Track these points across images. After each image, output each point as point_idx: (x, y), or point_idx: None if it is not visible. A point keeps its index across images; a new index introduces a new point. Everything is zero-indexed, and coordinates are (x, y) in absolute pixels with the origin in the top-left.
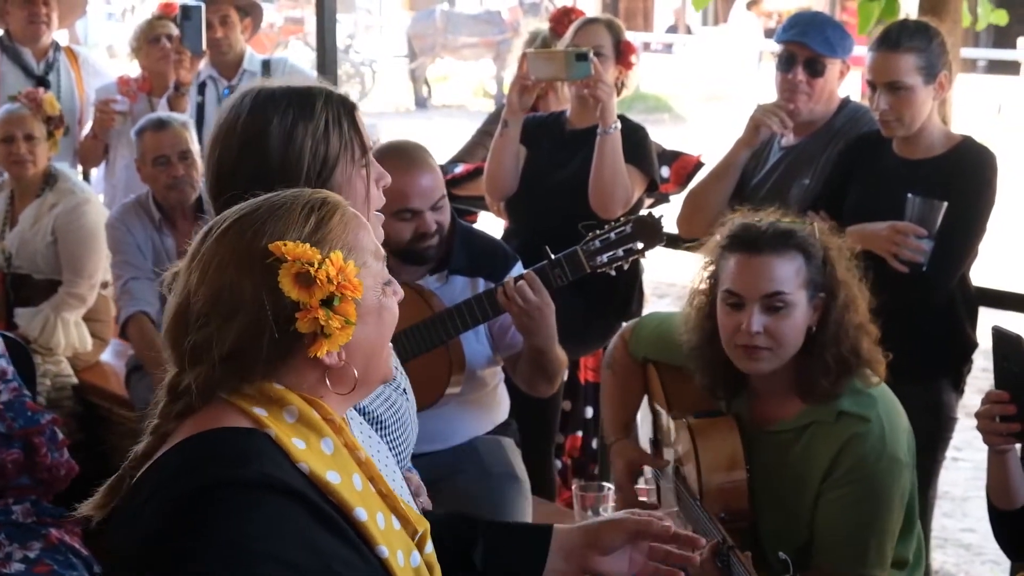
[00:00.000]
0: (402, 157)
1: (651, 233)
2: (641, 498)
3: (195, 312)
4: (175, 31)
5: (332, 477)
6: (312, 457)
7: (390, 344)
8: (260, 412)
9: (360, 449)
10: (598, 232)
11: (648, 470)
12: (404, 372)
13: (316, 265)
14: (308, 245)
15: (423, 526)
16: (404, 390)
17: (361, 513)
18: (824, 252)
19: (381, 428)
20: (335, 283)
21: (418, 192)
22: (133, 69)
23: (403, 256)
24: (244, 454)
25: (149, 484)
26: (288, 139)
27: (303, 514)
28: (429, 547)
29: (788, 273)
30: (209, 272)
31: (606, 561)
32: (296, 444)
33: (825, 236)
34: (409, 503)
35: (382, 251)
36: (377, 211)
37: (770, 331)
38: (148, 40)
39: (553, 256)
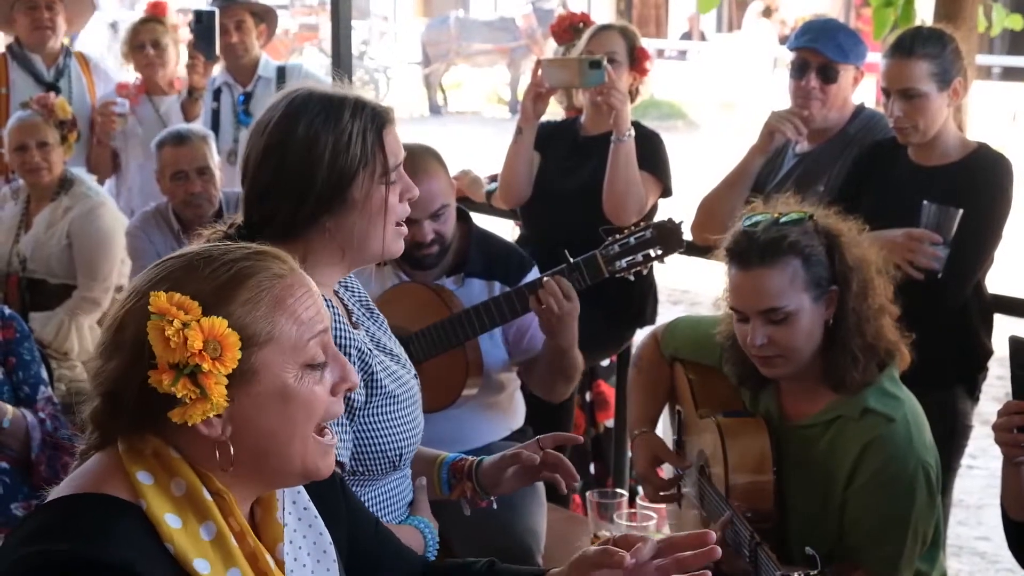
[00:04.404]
0: (404, 163)
1: (671, 239)
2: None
3: (98, 342)
4: (162, 36)
5: (200, 566)
6: (183, 539)
7: (318, 438)
8: (144, 479)
9: (251, 537)
10: (617, 237)
11: (668, 468)
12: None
13: (176, 326)
14: (195, 302)
15: None
16: (415, 374)
17: None
18: (829, 243)
19: (395, 403)
20: (192, 351)
21: (414, 201)
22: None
23: (399, 259)
24: (105, 533)
25: (19, 533)
26: (309, 148)
27: None
28: None
29: (782, 284)
30: (123, 299)
31: None
32: (169, 522)
33: (830, 223)
34: None
35: (318, 331)
36: (398, 223)
37: (775, 341)
38: (133, 47)
39: (572, 260)
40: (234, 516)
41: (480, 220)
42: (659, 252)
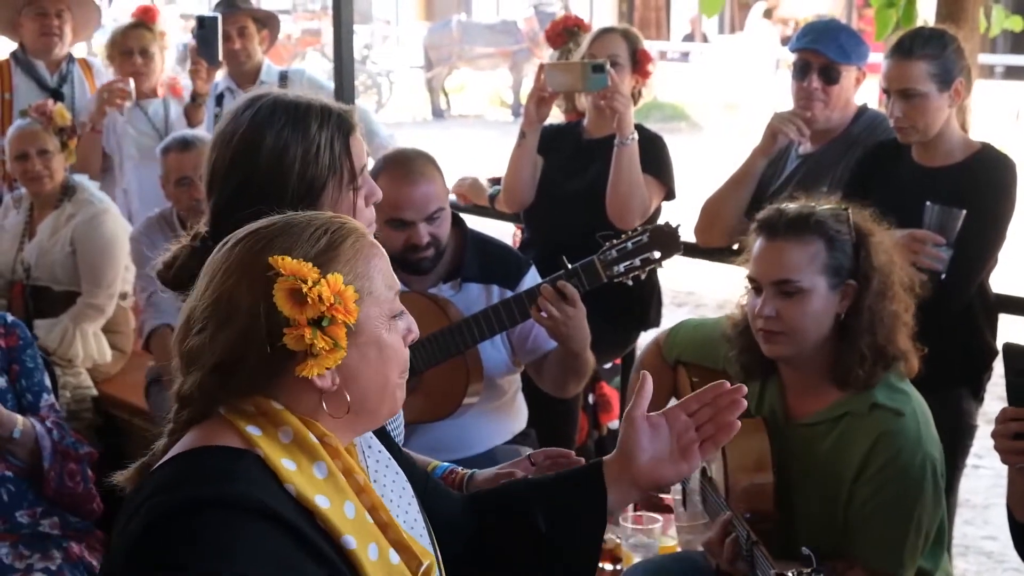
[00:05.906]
0: (400, 167)
1: (668, 242)
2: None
3: (196, 317)
4: (150, 44)
5: (321, 501)
6: (301, 479)
7: (399, 381)
8: (253, 431)
9: (359, 473)
10: (615, 241)
11: None
12: None
13: (310, 283)
14: (309, 264)
15: (427, 559)
16: None
17: (349, 541)
18: (858, 238)
19: None
20: (327, 304)
21: (410, 204)
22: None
23: (396, 264)
24: (227, 475)
25: (141, 495)
26: (278, 159)
27: (284, 538)
28: None
29: (801, 259)
30: (215, 279)
31: (653, 471)
32: (286, 465)
33: (864, 223)
34: (420, 535)
35: (397, 284)
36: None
37: (782, 315)
38: (120, 52)
39: (570, 266)
40: (340, 457)
41: (484, 223)
42: (657, 256)
